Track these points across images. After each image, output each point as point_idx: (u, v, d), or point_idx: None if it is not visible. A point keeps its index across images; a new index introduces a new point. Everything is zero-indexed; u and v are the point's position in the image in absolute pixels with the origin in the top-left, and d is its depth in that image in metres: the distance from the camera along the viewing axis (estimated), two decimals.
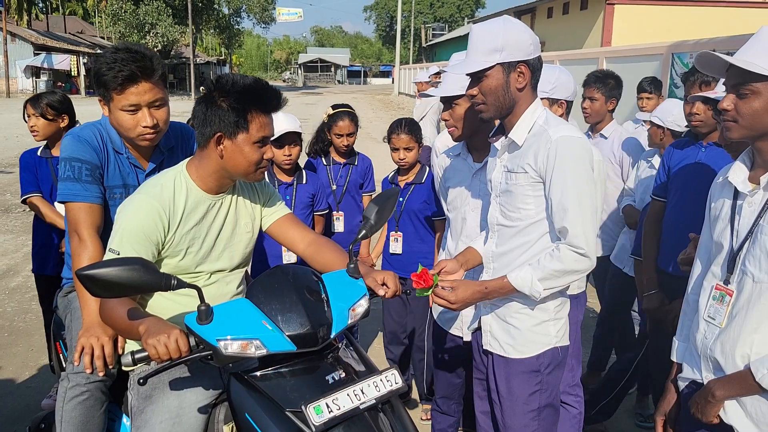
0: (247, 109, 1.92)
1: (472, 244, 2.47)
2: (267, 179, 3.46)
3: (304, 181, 3.59)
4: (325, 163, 3.95)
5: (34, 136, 3.57)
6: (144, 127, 2.20)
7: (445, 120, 2.66)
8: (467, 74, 2.16)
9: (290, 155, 3.43)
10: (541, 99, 2.72)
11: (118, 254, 1.91)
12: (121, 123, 2.20)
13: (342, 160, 3.94)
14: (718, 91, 2.18)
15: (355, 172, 3.97)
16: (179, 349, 1.67)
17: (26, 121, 3.56)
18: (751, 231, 1.70)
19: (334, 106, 3.95)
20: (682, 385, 1.92)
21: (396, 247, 3.50)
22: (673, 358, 1.99)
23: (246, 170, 2.00)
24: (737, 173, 1.77)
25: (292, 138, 3.41)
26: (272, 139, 3.27)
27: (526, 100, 2.14)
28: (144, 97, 2.17)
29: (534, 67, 2.11)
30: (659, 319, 3.06)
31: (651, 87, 4.79)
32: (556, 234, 2.12)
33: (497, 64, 2.07)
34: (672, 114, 3.57)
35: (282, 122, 3.35)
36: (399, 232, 3.47)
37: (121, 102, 2.16)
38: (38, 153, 3.60)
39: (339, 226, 3.93)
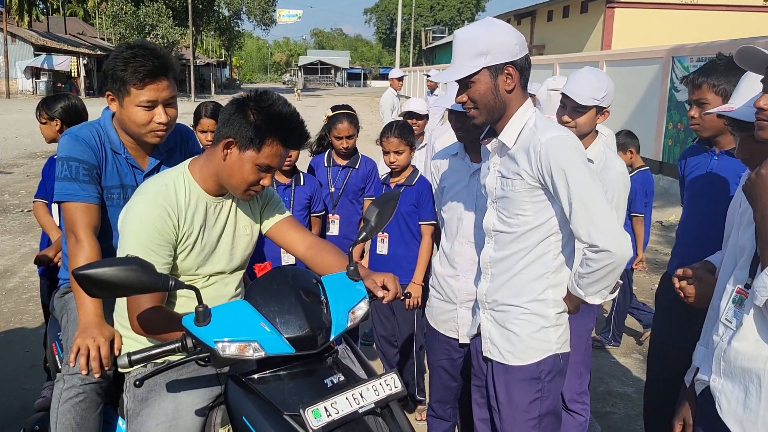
0: (268, 134, 1.90)
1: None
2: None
3: (302, 183, 3.64)
4: (325, 164, 3.93)
5: (44, 137, 3.58)
6: (158, 123, 2.21)
7: (457, 128, 2.66)
8: (455, 81, 2.12)
9: (290, 157, 3.44)
10: (591, 107, 2.70)
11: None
12: (135, 119, 2.20)
13: (343, 163, 3.92)
14: (734, 105, 2.11)
15: (356, 175, 3.93)
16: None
17: None
18: None
19: (333, 108, 3.93)
20: (698, 388, 1.89)
21: (382, 248, 3.54)
22: (694, 363, 1.97)
23: (237, 185, 1.98)
24: None
25: None
26: None
27: (517, 101, 2.11)
28: (162, 93, 2.19)
29: (521, 67, 2.08)
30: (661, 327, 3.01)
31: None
32: (564, 238, 2.14)
33: (483, 68, 2.04)
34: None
35: None
36: (385, 233, 3.50)
37: (139, 97, 2.16)
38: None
39: (334, 228, 3.91)
